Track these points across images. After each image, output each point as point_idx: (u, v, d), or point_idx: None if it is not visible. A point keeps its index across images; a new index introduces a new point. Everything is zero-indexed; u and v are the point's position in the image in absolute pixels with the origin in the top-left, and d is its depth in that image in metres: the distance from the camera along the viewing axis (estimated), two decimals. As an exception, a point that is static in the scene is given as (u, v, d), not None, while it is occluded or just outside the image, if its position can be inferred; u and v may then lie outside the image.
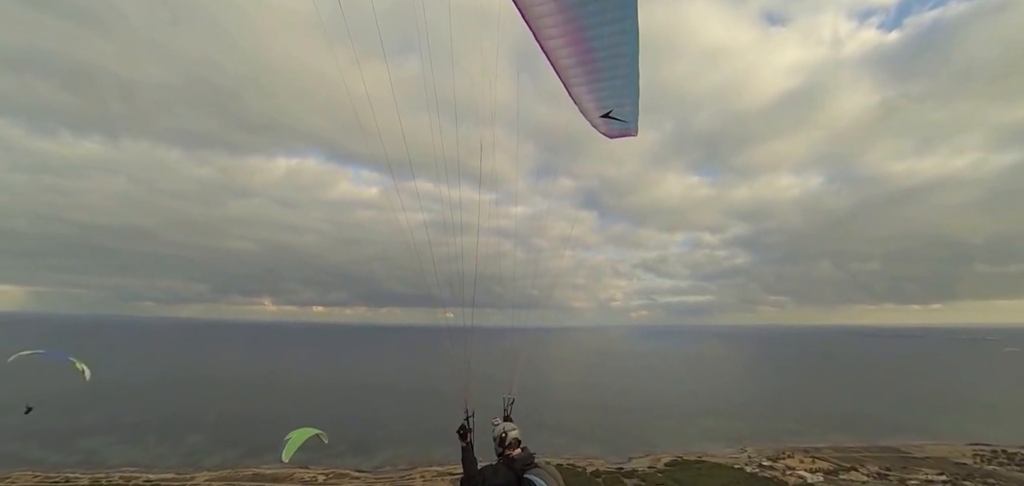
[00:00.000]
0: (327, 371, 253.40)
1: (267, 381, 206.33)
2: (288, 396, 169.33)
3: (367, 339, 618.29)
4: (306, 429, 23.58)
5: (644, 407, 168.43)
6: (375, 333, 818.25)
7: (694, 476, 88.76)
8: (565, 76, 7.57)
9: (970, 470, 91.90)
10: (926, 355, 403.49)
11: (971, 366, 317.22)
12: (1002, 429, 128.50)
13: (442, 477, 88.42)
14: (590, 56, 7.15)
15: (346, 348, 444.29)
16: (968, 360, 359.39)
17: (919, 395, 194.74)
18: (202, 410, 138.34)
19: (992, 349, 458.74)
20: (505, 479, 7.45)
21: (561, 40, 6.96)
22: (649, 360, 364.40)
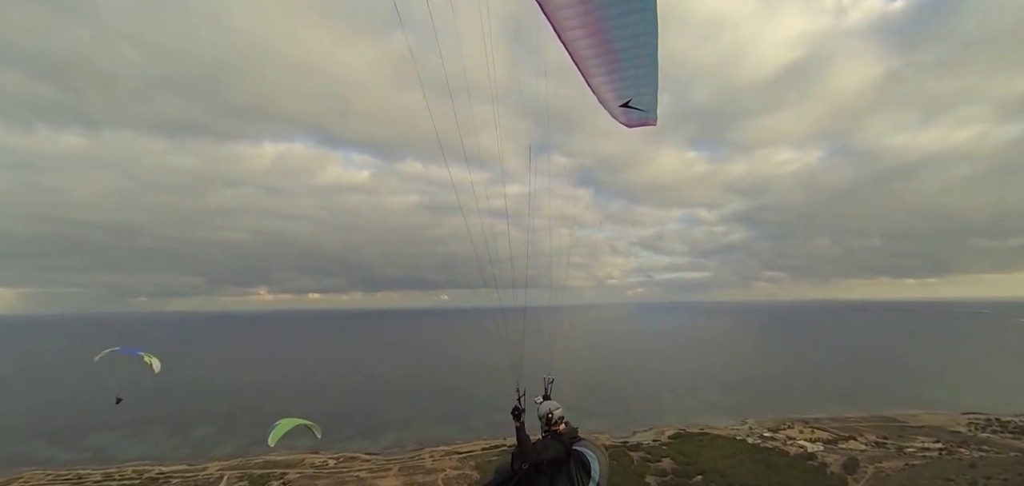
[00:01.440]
0: (329, 358, 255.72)
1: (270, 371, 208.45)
2: (292, 385, 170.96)
3: (366, 324, 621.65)
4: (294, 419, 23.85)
5: (646, 382, 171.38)
6: (373, 318, 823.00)
7: (697, 448, 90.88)
8: (584, 67, 7.68)
9: (964, 438, 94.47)
10: (921, 328, 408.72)
11: (965, 338, 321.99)
12: (995, 398, 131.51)
13: (450, 456, 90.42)
14: (610, 47, 7.25)
15: (345, 334, 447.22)
16: (962, 333, 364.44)
17: (915, 367, 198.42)
18: (208, 402, 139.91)
19: (986, 322, 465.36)
20: (556, 452, 7.99)
21: (581, 31, 7.04)
22: (649, 337, 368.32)
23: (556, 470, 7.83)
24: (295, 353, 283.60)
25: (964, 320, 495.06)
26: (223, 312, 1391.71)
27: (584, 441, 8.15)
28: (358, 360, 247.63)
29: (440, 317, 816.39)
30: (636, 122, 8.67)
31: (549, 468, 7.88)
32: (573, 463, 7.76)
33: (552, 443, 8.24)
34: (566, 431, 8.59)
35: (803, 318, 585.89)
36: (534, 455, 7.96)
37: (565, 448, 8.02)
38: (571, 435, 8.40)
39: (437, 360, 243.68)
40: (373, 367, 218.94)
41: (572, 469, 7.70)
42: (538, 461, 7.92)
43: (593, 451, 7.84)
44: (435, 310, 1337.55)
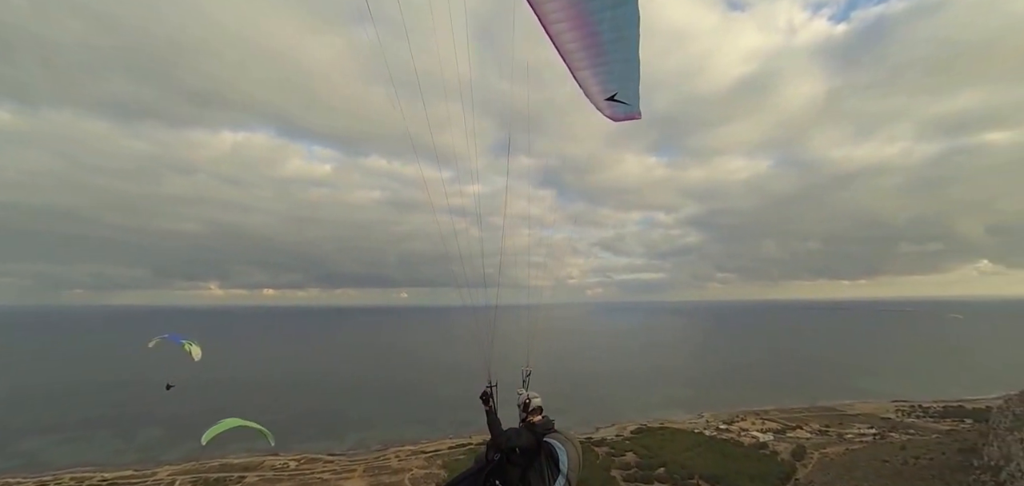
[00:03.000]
0: (286, 356, 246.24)
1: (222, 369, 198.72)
2: (247, 384, 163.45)
3: (324, 321, 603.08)
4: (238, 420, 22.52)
5: (607, 379, 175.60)
6: (332, 315, 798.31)
7: (659, 441, 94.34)
8: (570, 60, 7.68)
9: (894, 423, 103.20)
10: (854, 325, 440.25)
11: (891, 335, 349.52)
12: (918, 387, 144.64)
13: (416, 455, 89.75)
14: (595, 40, 7.25)
15: (303, 332, 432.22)
16: (889, 330, 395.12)
17: (850, 361, 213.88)
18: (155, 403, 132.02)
19: (908, 319, 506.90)
20: (527, 441, 7.86)
21: (566, 23, 7.06)
22: (608, 335, 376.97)
23: (528, 461, 7.74)
24: (250, 351, 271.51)
25: (890, 318, 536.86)
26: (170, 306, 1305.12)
27: (557, 434, 7.98)
28: (317, 359, 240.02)
29: (400, 315, 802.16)
30: (622, 116, 8.66)
31: (521, 458, 7.79)
32: (543, 455, 7.63)
33: (524, 432, 8.10)
34: (540, 423, 8.42)
35: (752, 317, 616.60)
36: (504, 441, 7.91)
37: (536, 439, 7.86)
38: (545, 427, 8.22)
39: (399, 359, 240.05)
40: (333, 366, 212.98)
41: (542, 460, 7.58)
42: (509, 448, 7.86)
43: (563, 444, 7.65)
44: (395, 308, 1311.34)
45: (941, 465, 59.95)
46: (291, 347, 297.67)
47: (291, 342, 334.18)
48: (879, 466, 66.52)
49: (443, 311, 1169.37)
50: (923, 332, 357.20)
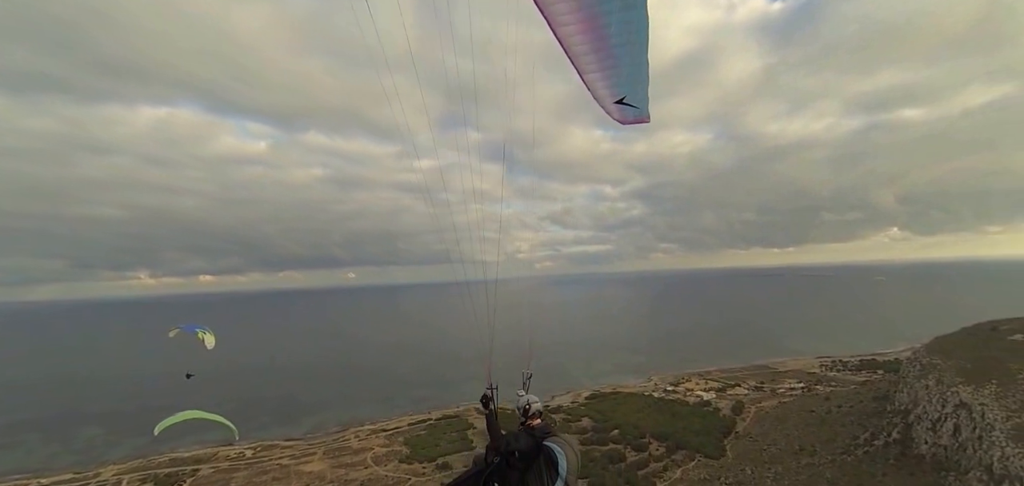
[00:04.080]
0: (230, 344, 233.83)
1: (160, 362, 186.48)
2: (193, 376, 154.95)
3: (269, 306, 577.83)
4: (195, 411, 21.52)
5: (560, 349, 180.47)
6: (276, 299, 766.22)
7: (611, 406, 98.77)
8: (579, 64, 7.72)
9: (819, 377, 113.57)
10: (783, 290, 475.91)
11: (814, 298, 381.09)
12: (838, 344, 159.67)
13: (376, 434, 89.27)
14: (604, 43, 7.29)
15: (247, 318, 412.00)
16: (812, 293, 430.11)
17: (780, 321, 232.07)
18: (90, 402, 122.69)
19: (830, 284, 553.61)
20: (527, 444, 7.96)
21: (575, 27, 7.08)
22: (559, 307, 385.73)
23: (528, 464, 7.84)
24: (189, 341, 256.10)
25: (814, 283, 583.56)
26: (95, 299, 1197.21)
27: (556, 437, 8.04)
28: (264, 345, 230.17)
29: (349, 296, 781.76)
30: (632, 119, 8.66)
31: (520, 461, 7.89)
32: (542, 458, 7.73)
33: (523, 436, 8.20)
34: (539, 426, 8.57)
35: (693, 285, 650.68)
36: (504, 445, 8.04)
37: (536, 443, 7.96)
38: (543, 431, 8.34)
39: (351, 340, 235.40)
40: (282, 351, 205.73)
41: (541, 464, 7.70)
42: (508, 452, 7.96)
43: (562, 448, 7.75)
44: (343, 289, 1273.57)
45: (859, 411, 67.11)
46: (235, 334, 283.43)
47: (234, 329, 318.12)
48: (807, 416, 73.45)
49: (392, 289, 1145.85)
50: (841, 296, 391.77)
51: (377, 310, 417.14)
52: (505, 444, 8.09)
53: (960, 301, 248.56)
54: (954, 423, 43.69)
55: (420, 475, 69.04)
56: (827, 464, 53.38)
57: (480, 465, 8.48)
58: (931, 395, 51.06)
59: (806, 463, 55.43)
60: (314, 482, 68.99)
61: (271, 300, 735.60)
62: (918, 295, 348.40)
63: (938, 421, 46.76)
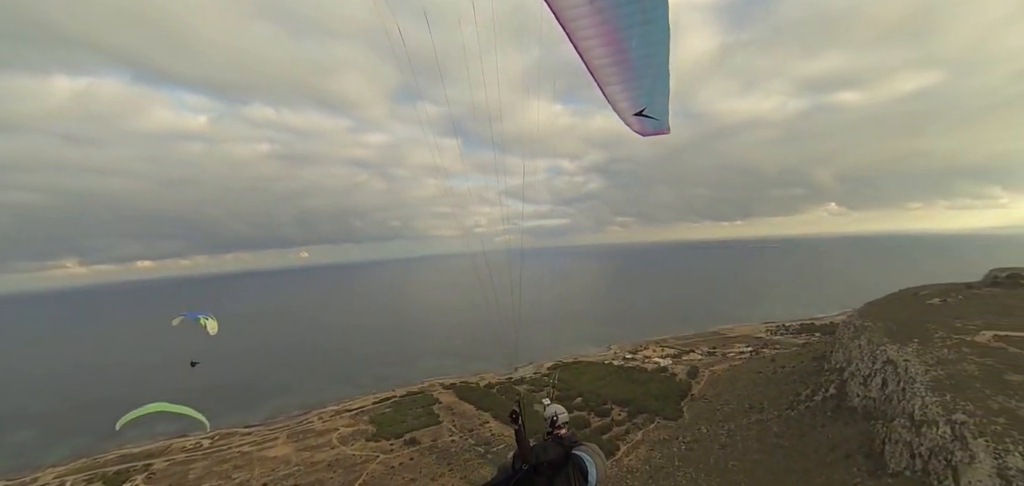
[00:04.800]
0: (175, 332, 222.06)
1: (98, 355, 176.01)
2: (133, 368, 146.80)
3: (216, 290, 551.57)
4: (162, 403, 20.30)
5: (523, 321, 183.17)
6: (223, 283, 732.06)
7: (574, 374, 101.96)
8: (599, 76, 7.72)
9: (765, 341, 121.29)
10: (732, 261, 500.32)
11: (760, 268, 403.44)
12: (781, 310, 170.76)
13: (340, 414, 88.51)
14: (624, 56, 7.27)
15: (192, 303, 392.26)
16: (758, 264, 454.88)
17: (729, 290, 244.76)
18: (19, 403, 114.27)
19: (774, 254, 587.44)
20: (555, 454, 8.21)
21: (596, 40, 7.08)
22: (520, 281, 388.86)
23: (555, 472, 8.08)
24: (129, 331, 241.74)
25: (760, 254, 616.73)
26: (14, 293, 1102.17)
27: (582, 446, 8.35)
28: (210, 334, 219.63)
29: (302, 276, 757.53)
30: (651, 131, 8.65)
31: (548, 470, 8.14)
32: (571, 467, 8.00)
33: (551, 446, 8.45)
34: (566, 436, 8.84)
35: (648, 257, 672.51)
36: (533, 457, 8.18)
37: (564, 452, 8.28)
38: (571, 440, 8.63)
39: (307, 321, 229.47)
40: (233, 336, 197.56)
41: (570, 472, 7.95)
42: (537, 462, 8.16)
43: (591, 456, 8.01)
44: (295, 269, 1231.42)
45: (801, 370, 72.53)
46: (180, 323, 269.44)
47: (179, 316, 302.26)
48: (755, 377, 78.65)
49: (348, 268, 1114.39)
50: (784, 265, 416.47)
51: (334, 290, 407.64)
52: (534, 455, 8.23)
53: (886, 270, 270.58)
54: (882, 378, 48.23)
55: (388, 452, 69.34)
56: (774, 419, 57.77)
57: (507, 472, 8.64)
58: (863, 354, 55.92)
59: (756, 419, 59.71)
60: (280, 467, 67.87)
61: (219, 284, 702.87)
62: (850, 265, 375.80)
63: (868, 376, 51.44)
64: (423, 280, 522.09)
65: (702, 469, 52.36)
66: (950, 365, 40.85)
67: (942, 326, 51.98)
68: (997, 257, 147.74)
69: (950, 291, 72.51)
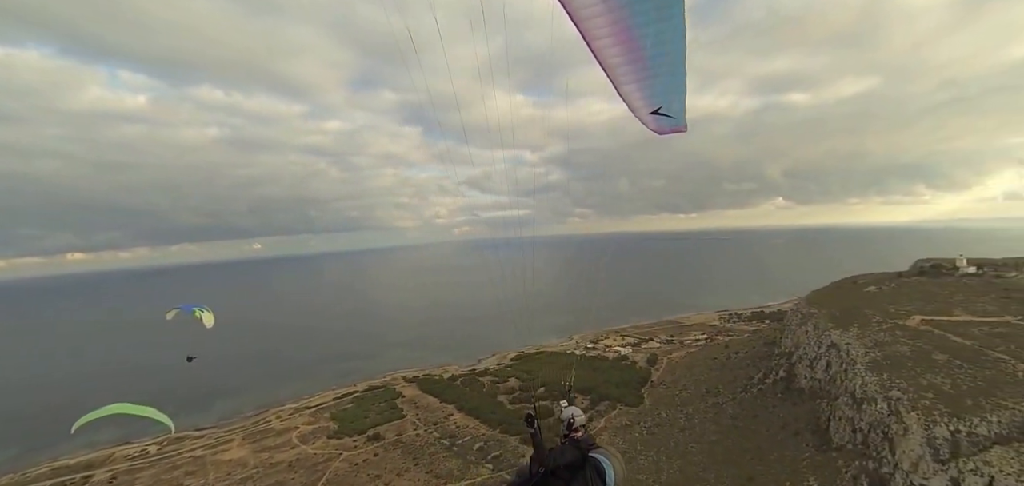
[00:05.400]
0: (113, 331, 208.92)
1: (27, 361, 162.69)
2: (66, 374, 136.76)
3: (158, 285, 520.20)
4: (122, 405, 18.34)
5: (484, 313, 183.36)
6: (167, 276, 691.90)
7: (537, 365, 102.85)
8: (614, 75, 7.61)
9: (719, 329, 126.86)
10: (688, 252, 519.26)
11: (713, 259, 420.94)
12: (733, 298, 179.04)
13: (300, 412, 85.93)
14: (639, 54, 7.19)
15: (131, 299, 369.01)
16: (712, 255, 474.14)
17: (685, 281, 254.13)
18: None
19: (727, 246, 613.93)
20: (572, 457, 8.18)
21: (610, 39, 6.99)
22: (480, 271, 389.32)
23: (572, 475, 8.06)
24: (59, 330, 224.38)
25: (714, 245, 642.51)
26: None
27: (600, 448, 8.28)
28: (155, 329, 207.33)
29: (255, 268, 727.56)
30: (668, 130, 8.56)
31: (566, 473, 8.13)
32: (589, 469, 7.95)
33: (569, 448, 8.43)
34: (583, 438, 8.82)
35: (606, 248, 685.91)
36: (551, 460, 8.20)
37: (582, 454, 8.23)
38: (587, 442, 8.60)
39: (261, 315, 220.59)
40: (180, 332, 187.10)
41: (587, 475, 7.92)
42: (555, 466, 8.17)
43: (609, 459, 7.96)
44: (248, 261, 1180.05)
45: (753, 355, 76.54)
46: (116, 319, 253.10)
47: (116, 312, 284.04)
48: (711, 362, 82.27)
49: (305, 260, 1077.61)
50: (736, 257, 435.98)
51: (290, 282, 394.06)
52: (551, 458, 8.24)
53: (828, 260, 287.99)
54: (827, 360, 51.65)
55: (351, 449, 68.00)
56: (729, 402, 60.70)
57: (524, 476, 8.62)
58: (809, 339, 59.65)
59: (712, 403, 62.54)
60: (236, 470, 65.18)
61: (162, 278, 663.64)
62: (796, 256, 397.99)
63: (814, 359, 54.96)
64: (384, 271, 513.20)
65: (663, 452, 54.42)
66: (886, 347, 44.16)
67: (878, 312, 56.01)
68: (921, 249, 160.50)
69: (884, 280, 78.30)
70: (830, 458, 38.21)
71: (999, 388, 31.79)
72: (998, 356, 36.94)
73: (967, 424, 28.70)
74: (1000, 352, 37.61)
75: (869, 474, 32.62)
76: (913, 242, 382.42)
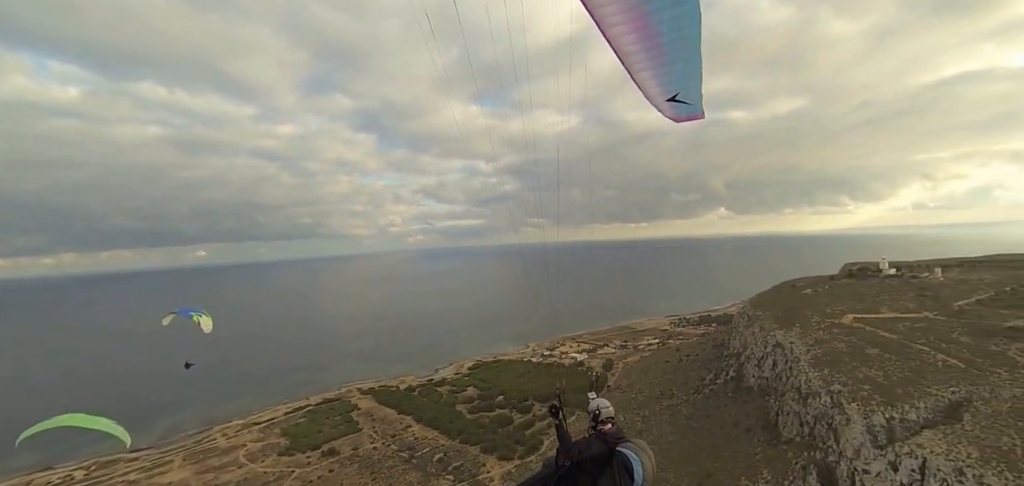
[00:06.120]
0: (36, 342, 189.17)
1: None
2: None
3: (89, 295, 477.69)
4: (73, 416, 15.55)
5: (441, 322, 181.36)
6: (99, 285, 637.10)
7: (494, 373, 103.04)
8: (629, 62, 7.49)
9: (670, 332, 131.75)
10: (638, 261, 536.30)
11: (663, 266, 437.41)
12: (683, 303, 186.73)
13: (248, 429, 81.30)
14: (655, 41, 7.09)
15: (58, 310, 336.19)
16: (662, 262, 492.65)
17: (637, 288, 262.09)
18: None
19: (676, 254, 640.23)
20: (599, 450, 7.83)
21: (625, 27, 6.90)
22: (436, 280, 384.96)
23: (599, 469, 7.73)
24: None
25: (663, 253, 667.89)
26: None
27: (629, 443, 7.80)
28: (87, 341, 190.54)
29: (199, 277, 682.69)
30: (684, 117, 8.43)
31: (592, 466, 7.81)
32: (616, 464, 7.60)
33: (595, 442, 8.07)
34: (611, 432, 8.40)
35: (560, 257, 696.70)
36: (576, 452, 7.93)
37: (608, 448, 7.83)
38: (615, 436, 8.14)
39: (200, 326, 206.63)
40: (112, 347, 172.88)
41: (614, 470, 7.57)
42: (581, 458, 7.89)
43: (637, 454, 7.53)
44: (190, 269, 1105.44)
45: (703, 357, 79.94)
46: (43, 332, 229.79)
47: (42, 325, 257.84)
48: (664, 365, 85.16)
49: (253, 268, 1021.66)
50: (684, 264, 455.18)
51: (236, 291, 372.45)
52: (577, 450, 7.94)
53: (767, 266, 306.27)
54: (773, 359, 54.82)
55: (304, 465, 64.95)
56: (683, 403, 63.04)
57: (550, 469, 8.34)
58: (756, 340, 63.07)
59: (667, 405, 64.70)
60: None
61: (93, 286, 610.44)
62: (738, 262, 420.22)
63: (761, 359, 58.18)
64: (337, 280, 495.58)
65: (622, 453, 55.56)
66: (825, 344, 47.43)
67: (816, 312, 60.08)
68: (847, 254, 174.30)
69: (818, 283, 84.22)
70: (781, 451, 40.50)
71: (924, 377, 34.92)
72: (920, 348, 40.58)
73: (900, 411, 31.31)
74: (922, 345, 41.32)
75: (817, 463, 34.84)
76: (839, 248, 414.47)
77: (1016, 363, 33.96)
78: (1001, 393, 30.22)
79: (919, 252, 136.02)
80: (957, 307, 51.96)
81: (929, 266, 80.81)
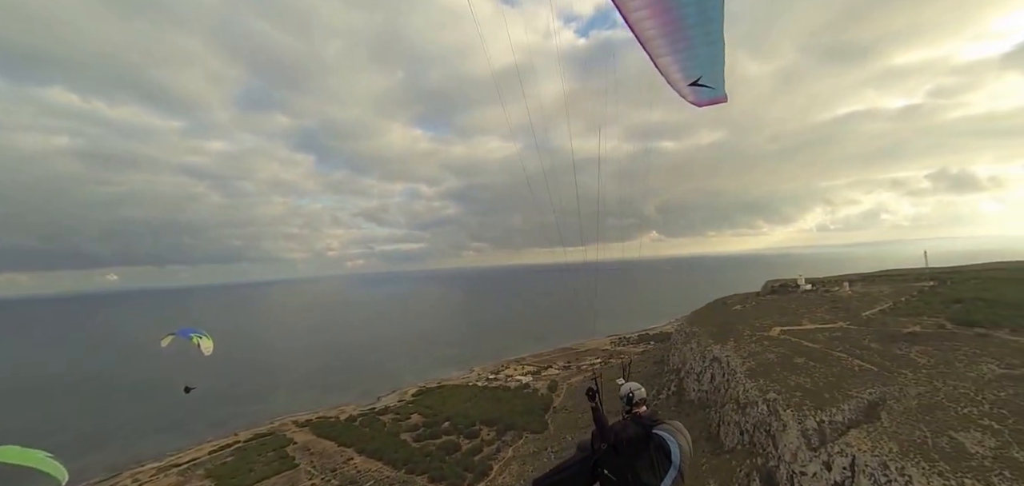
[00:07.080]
0: None
1: None
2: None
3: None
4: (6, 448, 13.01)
5: (381, 349, 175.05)
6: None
7: (439, 399, 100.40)
8: (651, 47, 7.44)
9: (611, 352, 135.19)
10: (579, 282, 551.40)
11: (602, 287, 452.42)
12: (622, 323, 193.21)
13: (166, 471, 73.17)
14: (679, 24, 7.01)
15: None
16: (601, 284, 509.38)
17: (578, 310, 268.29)
18: None
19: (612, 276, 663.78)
20: (635, 433, 7.72)
21: (647, 10, 6.83)
22: (375, 306, 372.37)
23: (636, 452, 7.56)
24: None
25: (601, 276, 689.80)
26: None
27: (664, 425, 7.74)
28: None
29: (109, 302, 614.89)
30: (707, 101, 8.38)
31: (628, 449, 7.64)
32: (653, 446, 7.46)
33: (631, 425, 8.02)
34: (646, 414, 8.38)
35: (502, 280, 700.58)
36: (612, 435, 7.81)
37: (645, 431, 7.71)
38: (651, 419, 8.05)
39: (116, 357, 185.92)
40: None
41: (652, 452, 7.43)
42: (617, 441, 7.76)
43: (674, 435, 7.46)
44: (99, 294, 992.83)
45: (644, 374, 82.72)
46: None
47: None
48: (608, 384, 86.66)
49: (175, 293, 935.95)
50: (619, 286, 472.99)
51: (153, 319, 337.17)
52: (613, 434, 7.83)
53: (697, 285, 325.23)
54: (711, 373, 57.81)
55: (232, 508, 59.34)
56: (628, 419, 64.55)
57: (587, 451, 8.25)
58: (694, 355, 66.34)
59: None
60: (75, 548, 53.07)
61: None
62: (670, 282, 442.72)
63: (700, 373, 61.17)
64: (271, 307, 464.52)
65: (573, 472, 55.73)
66: (758, 356, 50.75)
67: (747, 326, 64.31)
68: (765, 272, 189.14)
69: (745, 299, 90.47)
70: (725, 460, 42.43)
71: (845, 381, 38.24)
72: (839, 355, 44.49)
73: (828, 414, 33.98)
74: (840, 352, 45.34)
75: (759, 470, 36.83)
76: (758, 267, 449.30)
77: (918, 364, 38.11)
78: (909, 391, 33.71)
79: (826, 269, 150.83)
80: (865, 317, 57.64)
81: (838, 281, 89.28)
